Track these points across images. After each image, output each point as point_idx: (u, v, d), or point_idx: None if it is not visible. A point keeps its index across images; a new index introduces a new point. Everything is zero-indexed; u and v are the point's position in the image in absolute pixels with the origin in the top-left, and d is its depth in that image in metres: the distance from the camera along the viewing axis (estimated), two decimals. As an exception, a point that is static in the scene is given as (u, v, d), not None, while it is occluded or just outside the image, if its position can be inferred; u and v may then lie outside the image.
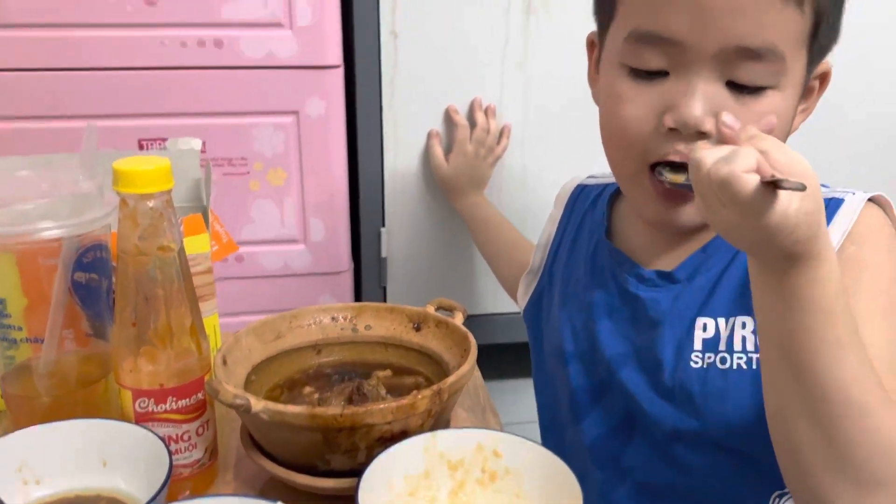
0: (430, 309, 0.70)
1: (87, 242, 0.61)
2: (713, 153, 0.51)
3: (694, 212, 0.67)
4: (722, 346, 0.68)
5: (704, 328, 0.69)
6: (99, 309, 0.63)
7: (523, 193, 1.20)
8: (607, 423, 0.75)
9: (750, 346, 0.66)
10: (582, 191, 0.87)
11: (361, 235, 1.20)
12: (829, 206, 0.61)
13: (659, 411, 0.70)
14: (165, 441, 0.54)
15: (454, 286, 1.24)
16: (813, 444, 0.54)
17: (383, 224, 1.19)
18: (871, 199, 0.66)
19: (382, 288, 1.22)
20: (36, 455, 0.55)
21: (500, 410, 0.75)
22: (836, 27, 0.64)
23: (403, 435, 0.55)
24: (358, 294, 1.23)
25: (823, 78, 0.68)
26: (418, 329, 0.68)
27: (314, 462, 0.56)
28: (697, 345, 0.69)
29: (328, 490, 0.56)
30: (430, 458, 0.55)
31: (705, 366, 0.68)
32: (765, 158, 0.49)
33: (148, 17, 1.01)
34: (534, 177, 1.19)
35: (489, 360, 0.93)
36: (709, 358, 0.68)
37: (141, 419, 0.57)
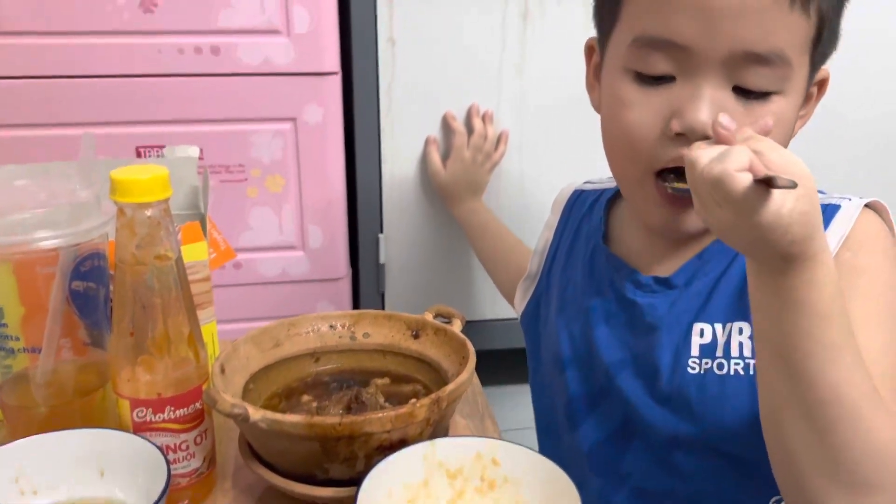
0: (429, 316, 0.70)
1: (84, 251, 0.61)
2: (707, 152, 0.51)
3: (699, 218, 0.67)
4: (719, 352, 0.68)
5: (701, 334, 0.69)
6: (97, 318, 0.63)
7: (521, 199, 1.20)
8: (605, 429, 0.75)
9: (747, 352, 0.66)
10: (579, 196, 0.87)
11: (359, 242, 1.19)
12: (825, 213, 0.61)
13: (656, 417, 0.70)
14: (163, 450, 0.54)
15: (452, 292, 1.24)
16: (806, 446, 0.54)
17: (381, 230, 1.19)
18: (867, 205, 0.66)
19: (381, 294, 1.22)
20: (33, 465, 0.55)
21: (497, 416, 0.75)
22: (837, 32, 0.65)
23: (402, 443, 0.55)
24: (356, 301, 1.23)
25: (821, 84, 0.69)
26: (417, 336, 0.68)
27: (313, 471, 0.56)
28: (695, 350, 0.69)
29: (327, 499, 0.56)
30: (428, 467, 0.55)
31: (703, 371, 0.68)
32: (759, 159, 0.49)
33: (145, 25, 1.01)
34: (531, 183, 1.19)
35: (487, 365, 0.93)
36: (706, 364, 0.68)
37: (139, 429, 0.57)
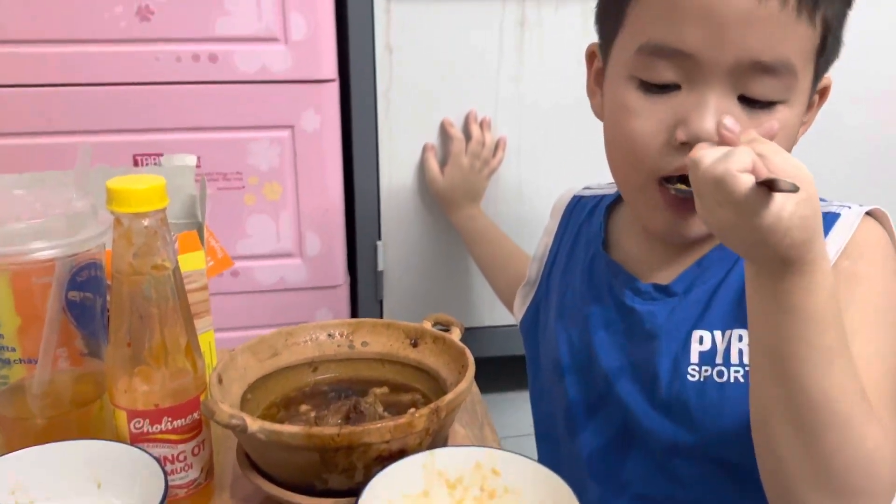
0: (428, 325, 0.69)
1: (81, 261, 0.60)
2: (711, 152, 0.51)
3: (702, 223, 0.67)
4: (719, 360, 0.67)
5: (701, 341, 0.68)
6: (93, 328, 0.63)
7: (519, 206, 1.20)
8: (604, 436, 0.75)
9: (747, 360, 0.66)
10: (578, 202, 0.87)
11: (357, 249, 1.19)
12: (825, 221, 0.60)
13: (656, 424, 0.70)
14: (161, 462, 0.53)
15: (451, 299, 1.24)
16: (794, 451, 0.54)
17: (379, 237, 1.19)
18: (868, 213, 0.66)
19: (379, 301, 1.22)
20: (30, 477, 0.54)
21: (496, 423, 0.74)
22: (840, 40, 0.65)
23: (401, 454, 0.55)
24: (354, 308, 1.22)
25: (823, 91, 0.69)
26: (415, 345, 0.68)
27: (311, 482, 0.56)
28: (694, 358, 0.68)
29: (326, 510, 0.56)
30: (428, 477, 0.55)
31: (702, 379, 0.68)
32: (763, 162, 0.49)
33: (142, 33, 1.01)
34: (529, 189, 1.19)
35: (486, 372, 0.93)
36: (706, 371, 0.68)
37: (136, 440, 0.56)
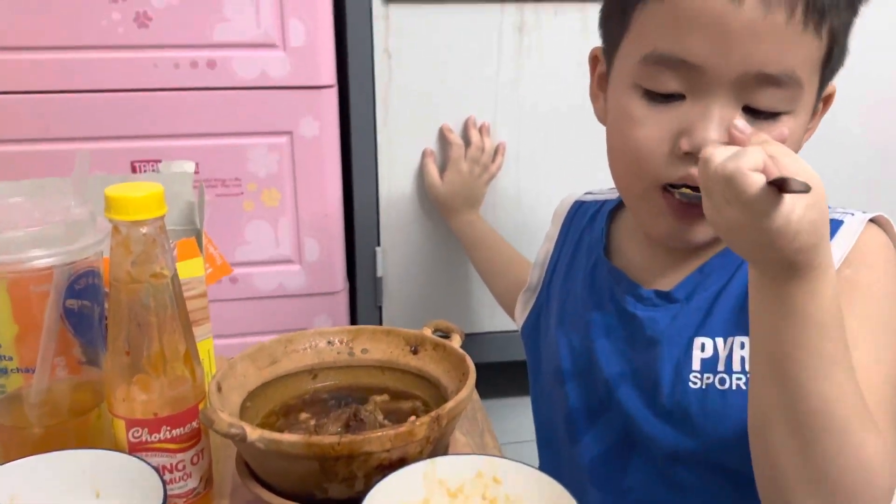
0: (428, 331, 0.69)
1: (79, 269, 0.60)
2: (722, 150, 0.51)
3: (707, 229, 0.66)
4: (721, 367, 0.67)
5: (703, 348, 0.68)
6: (92, 336, 0.62)
7: (518, 211, 1.20)
8: (605, 442, 0.75)
9: (749, 367, 0.66)
10: (579, 207, 0.86)
11: (356, 255, 1.19)
12: None
13: (657, 431, 0.70)
14: (159, 471, 0.53)
15: (451, 305, 1.24)
16: (791, 456, 0.54)
17: (378, 243, 1.19)
18: (871, 220, 0.66)
19: (378, 308, 1.22)
20: (28, 487, 0.54)
21: (497, 429, 0.74)
22: (846, 49, 0.65)
23: (402, 462, 0.54)
24: (353, 314, 1.22)
25: (827, 99, 0.68)
26: (415, 352, 0.67)
27: (311, 491, 0.55)
28: (696, 365, 0.68)
29: (326, 519, 0.55)
30: (429, 486, 0.54)
31: (704, 386, 0.67)
32: (773, 163, 0.49)
33: (140, 39, 1.01)
34: (529, 194, 1.19)
35: (486, 378, 0.93)
36: (707, 378, 0.67)
37: (134, 449, 0.56)
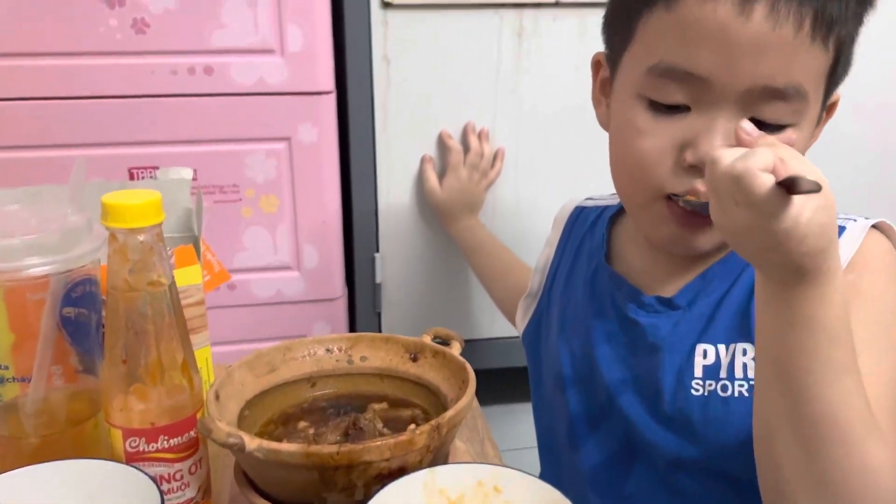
0: (427, 338, 0.68)
1: (76, 277, 0.59)
2: (731, 151, 0.51)
3: (711, 236, 0.66)
4: (723, 374, 0.67)
5: (705, 355, 0.68)
6: (88, 344, 0.62)
7: (517, 217, 1.19)
8: (607, 449, 0.74)
9: (751, 374, 0.66)
10: (580, 213, 0.86)
11: (355, 261, 1.19)
12: None
13: (659, 438, 0.69)
14: (157, 481, 0.52)
15: (450, 311, 1.23)
16: (795, 462, 0.54)
17: (377, 249, 1.18)
18: (874, 226, 0.65)
19: (377, 314, 1.21)
20: (24, 497, 0.53)
21: (498, 436, 0.74)
22: (851, 59, 0.64)
23: (401, 471, 0.54)
24: (352, 321, 1.21)
25: (831, 108, 0.68)
26: (415, 360, 0.67)
27: (311, 500, 0.55)
28: (698, 372, 0.68)
29: (325, 529, 0.55)
30: (429, 495, 0.54)
31: (706, 393, 0.67)
32: (782, 165, 0.48)
33: (138, 45, 1.01)
34: (528, 200, 1.19)
35: (487, 384, 0.92)
36: (710, 385, 0.67)
37: (132, 459, 0.55)
